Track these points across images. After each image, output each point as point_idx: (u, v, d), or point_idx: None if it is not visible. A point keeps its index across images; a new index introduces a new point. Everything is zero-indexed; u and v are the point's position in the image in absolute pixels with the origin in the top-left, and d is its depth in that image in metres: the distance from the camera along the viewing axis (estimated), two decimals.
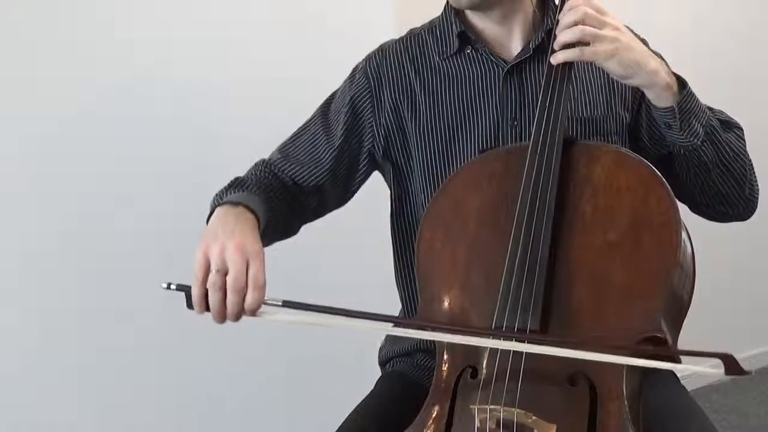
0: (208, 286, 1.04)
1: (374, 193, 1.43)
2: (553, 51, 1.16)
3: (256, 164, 1.36)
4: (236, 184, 1.28)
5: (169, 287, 1.06)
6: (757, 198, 1.29)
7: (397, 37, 1.39)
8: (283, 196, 1.30)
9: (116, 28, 1.92)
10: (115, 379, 1.95)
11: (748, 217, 1.31)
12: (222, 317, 1.05)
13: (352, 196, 1.41)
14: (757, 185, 1.28)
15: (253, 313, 1.05)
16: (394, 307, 1.40)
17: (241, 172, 1.33)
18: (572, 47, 1.13)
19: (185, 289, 1.06)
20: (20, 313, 1.86)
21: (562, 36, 1.14)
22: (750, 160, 1.26)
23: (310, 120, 1.39)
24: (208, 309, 1.05)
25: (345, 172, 1.36)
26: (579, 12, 1.12)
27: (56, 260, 1.89)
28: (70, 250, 1.90)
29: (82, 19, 1.89)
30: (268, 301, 1.05)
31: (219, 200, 1.22)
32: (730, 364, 0.92)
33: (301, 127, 1.39)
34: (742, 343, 3.18)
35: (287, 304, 1.04)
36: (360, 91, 1.34)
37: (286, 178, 1.34)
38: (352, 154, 1.35)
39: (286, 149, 1.37)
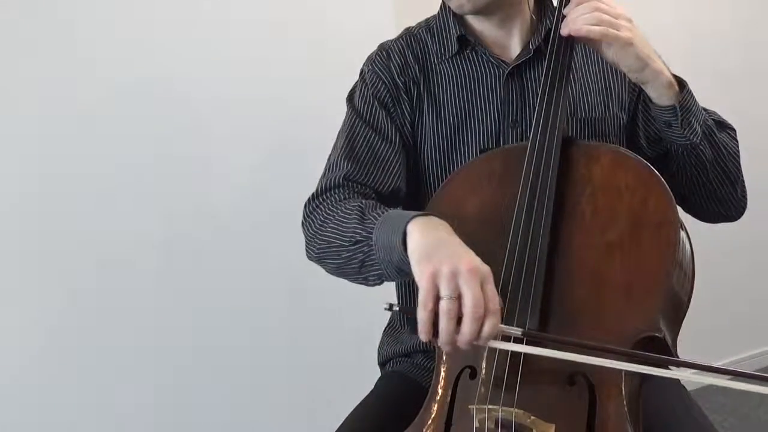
0: (440, 313, 0.95)
1: None
2: (554, 42, 1.17)
3: (336, 186, 1.23)
4: (371, 205, 1.15)
5: (390, 309, 0.98)
6: (747, 199, 1.30)
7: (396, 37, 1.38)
8: None
9: (116, 28, 1.92)
10: (115, 379, 1.95)
11: (738, 218, 1.33)
12: (453, 345, 0.96)
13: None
14: (745, 188, 1.29)
15: (487, 340, 0.96)
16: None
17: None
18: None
19: (410, 313, 0.96)
20: (20, 313, 1.86)
21: (582, 19, 1.13)
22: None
23: (351, 128, 1.30)
24: (435, 335, 0.97)
25: (410, 166, 1.30)
26: (591, 4, 1.13)
27: (56, 260, 1.89)
28: (70, 250, 1.90)
29: (82, 19, 1.89)
30: (507, 330, 0.97)
31: (361, 228, 1.11)
32: None
33: (347, 137, 1.29)
34: (742, 343, 3.19)
35: (528, 335, 0.97)
36: (379, 90, 1.30)
37: (368, 191, 1.24)
38: (408, 147, 1.30)
39: (355, 158, 1.26)
